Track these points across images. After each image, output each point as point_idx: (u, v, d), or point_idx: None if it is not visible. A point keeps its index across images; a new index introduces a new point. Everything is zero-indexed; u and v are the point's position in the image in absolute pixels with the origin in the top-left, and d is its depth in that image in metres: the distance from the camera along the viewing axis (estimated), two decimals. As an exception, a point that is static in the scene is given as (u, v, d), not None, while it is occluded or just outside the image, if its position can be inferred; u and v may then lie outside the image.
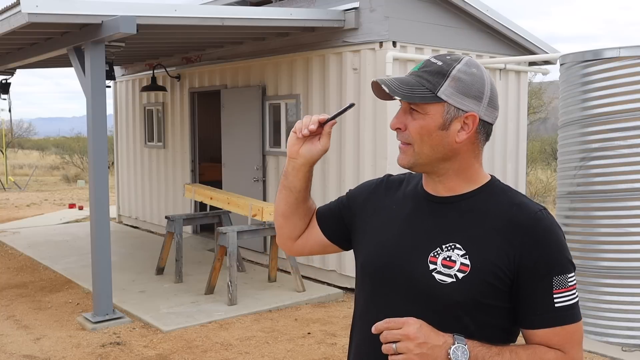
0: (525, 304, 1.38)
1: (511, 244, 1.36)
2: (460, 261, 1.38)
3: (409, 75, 1.43)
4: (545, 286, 1.35)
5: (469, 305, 1.37)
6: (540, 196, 15.56)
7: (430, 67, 1.41)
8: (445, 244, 1.41)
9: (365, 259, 1.55)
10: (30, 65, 8.58)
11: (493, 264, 1.36)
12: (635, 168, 4.90)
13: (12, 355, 4.88)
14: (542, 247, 1.36)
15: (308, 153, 1.59)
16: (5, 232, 10.32)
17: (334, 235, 1.68)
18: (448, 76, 1.38)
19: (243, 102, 8.01)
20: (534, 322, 1.38)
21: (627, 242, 4.93)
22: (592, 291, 5.02)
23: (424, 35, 6.58)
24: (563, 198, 5.38)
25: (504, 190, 1.48)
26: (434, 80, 1.38)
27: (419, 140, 1.41)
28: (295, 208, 1.64)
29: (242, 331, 5.40)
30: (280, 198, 1.65)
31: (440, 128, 1.40)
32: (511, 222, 1.39)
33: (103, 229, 5.56)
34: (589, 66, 5.07)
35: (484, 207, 1.43)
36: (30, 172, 23.03)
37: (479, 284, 1.36)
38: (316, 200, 1.74)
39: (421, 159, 1.43)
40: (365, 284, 1.54)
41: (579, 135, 5.18)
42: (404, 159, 1.45)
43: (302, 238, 1.70)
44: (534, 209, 1.41)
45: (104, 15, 5.07)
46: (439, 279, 1.38)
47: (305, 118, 1.58)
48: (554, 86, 17.81)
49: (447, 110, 1.39)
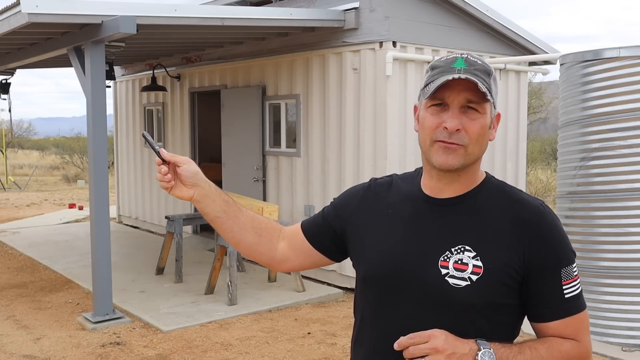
0: (537, 298, 1.39)
1: (520, 242, 1.37)
2: (473, 263, 1.37)
3: (464, 73, 1.35)
4: (555, 279, 1.38)
5: (485, 307, 1.37)
6: (540, 196, 15.57)
7: (477, 65, 1.37)
8: (454, 246, 1.39)
9: (368, 269, 1.49)
10: (30, 65, 8.58)
11: (505, 264, 1.37)
12: (635, 168, 4.90)
13: (12, 355, 4.88)
14: (550, 242, 1.38)
15: (184, 193, 1.57)
16: (5, 232, 10.32)
17: (327, 249, 1.63)
18: (492, 76, 1.39)
19: (243, 102, 8.01)
20: (546, 315, 1.40)
21: (627, 242, 4.93)
22: (592, 291, 5.01)
23: (424, 35, 6.58)
24: (563, 198, 5.38)
25: (501, 187, 1.48)
26: (487, 79, 1.37)
27: (475, 141, 1.38)
28: (238, 228, 1.60)
29: (242, 331, 5.40)
30: (223, 232, 1.62)
31: (489, 127, 1.41)
32: (517, 220, 1.40)
33: (103, 229, 5.56)
34: (589, 66, 5.07)
35: (486, 206, 1.43)
36: (30, 172, 23.04)
37: (493, 284, 1.36)
38: (316, 199, 1.73)
39: (470, 159, 1.40)
40: (370, 294, 1.49)
41: (579, 135, 5.18)
42: (455, 160, 1.37)
43: (286, 254, 1.65)
44: (535, 204, 1.43)
45: (104, 15, 5.07)
46: (453, 283, 1.36)
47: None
48: (554, 86, 17.81)
49: (491, 109, 1.40)
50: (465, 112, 1.36)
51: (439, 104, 1.38)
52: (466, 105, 1.36)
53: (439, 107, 1.38)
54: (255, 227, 1.62)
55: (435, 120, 1.38)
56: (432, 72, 1.39)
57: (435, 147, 1.38)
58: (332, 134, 6.86)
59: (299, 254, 1.65)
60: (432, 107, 1.39)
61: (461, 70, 1.34)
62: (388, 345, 1.34)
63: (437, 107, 1.38)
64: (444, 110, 1.37)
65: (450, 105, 1.36)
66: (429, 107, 1.39)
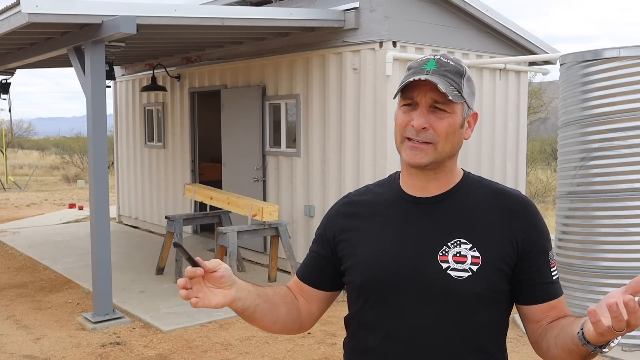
0: (529, 282, 1.45)
1: (510, 229, 1.44)
2: (471, 254, 1.42)
3: (432, 74, 1.40)
4: (544, 262, 1.46)
5: (487, 295, 1.42)
6: (540, 196, 15.56)
7: (447, 66, 1.42)
8: (449, 240, 1.43)
9: (364, 275, 1.48)
10: (30, 65, 8.58)
11: (501, 251, 1.42)
12: (635, 168, 4.90)
13: (12, 355, 4.88)
14: (536, 228, 1.47)
15: (225, 297, 1.38)
16: (5, 232, 10.32)
17: (337, 284, 1.61)
18: (464, 76, 1.44)
19: (243, 102, 8.01)
20: (539, 297, 1.46)
21: (627, 242, 4.93)
22: (592, 291, 5.01)
23: (424, 35, 6.58)
24: (563, 198, 5.38)
25: (481, 181, 1.54)
26: (457, 80, 1.42)
27: (444, 139, 1.42)
28: (271, 305, 1.52)
29: (242, 331, 5.40)
30: (262, 316, 1.50)
31: (460, 126, 1.45)
32: (503, 210, 1.47)
33: (103, 229, 5.56)
34: (589, 66, 5.07)
35: (471, 200, 1.49)
36: (30, 172, 23.04)
37: (492, 272, 1.41)
38: (316, 200, 1.73)
39: (441, 157, 1.44)
40: (369, 300, 1.48)
41: (579, 135, 5.18)
42: (424, 157, 1.42)
43: (307, 309, 1.62)
44: (517, 194, 1.51)
45: (104, 15, 5.07)
46: (455, 275, 1.40)
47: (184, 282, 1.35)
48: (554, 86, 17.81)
49: (464, 109, 1.45)
50: (434, 112, 1.42)
51: (410, 104, 1.44)
52: (433, 105, 1.41)
53: (410, 107, 1.44)
54: (279, 296, 1.57)
55: (406, 118, 1.44)
56: (407, 72, 1.46)
57: (405, 144, 1.45)
58: (332, 134, 6.86)
59: (315, 302, 1.62)
60: (404, 107, 1.45)
61: (430, 71, 1.40)
62: (397, 348, 1.35)
63: (408, 106, 1.44)
64: (414, 109, 1.43)
65: (419, 105, 1.42)
66: (401, 106, 1.46)
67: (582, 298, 5.07)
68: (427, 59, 1.44)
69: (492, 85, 7.37)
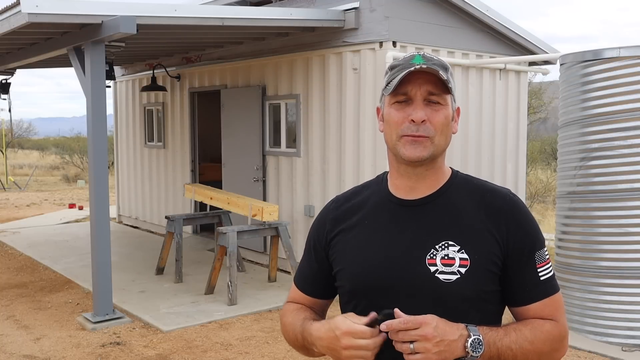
0: (516, 282, 1.44)
1: (498, 229, 1.43)
2: (459, 256, 1.40)
3: (422, 67, 1.40)
4: (531, 263, 1.44)
5: (476, 297, 1.41)
6: (540, 196, 15.57)
7: (434, 60, 1.42)
8: (437, 243, 1.42)
9: (354, 280, 1.49)
10: (30, 65, 8.58)
11: (488, 252, 1.41)
12: (635, 168, 4.90)
13: (12, 355, 4.88)
14: (524, 227, 1.45)
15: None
16: (5, 232, 10.32)
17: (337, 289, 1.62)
18: (449, 71, 1.44)
19: (243, 102, 8.01)
20: (526, 298, 1.44)
21: (627, 242, 4.93)
22: (592, 291, 5.01)
23: (424, 35, 6.58)
24: (563, 198, 5.38)
25: (469, 180, 1.53)
26: (445, 73, 1.42)
27: (440, 132, 1.42)
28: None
29: (242, 331, 5.40)
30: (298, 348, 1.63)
31: (451, 119, 1.46)
32: (491, 209, 1.45)
33: (103, 229, 5.56)
34: (589, 66, 5.07)
35: (459, 200, 1.47)
36: (30, 172, 23.03)
37: (481, 274, 1.40)
38: (316, 199, 1.73)
39: (437, 151, 1.44)
40: (359, 305, 1.47)
41: (579, 135, 5.18)
42: (424, 151, 1.41)
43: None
44: (505, 192, 1.50)
45: (104, 15, 5.07)
46: (443, 278, 1.39)
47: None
48: (554, 86, 17.80)
49: (452, 102, 1.45)
50: (429, 105, 1.41)
51: (402, 100, 1.42)
52: (428, 99, 1.41)
53: (403, 103, 1.42)
54: (315, 315, 1.63)
55: (401, 115, 1.42)
56: (392, 71, 1.44)
57: (402, 141, 1.43)
58: (332, 134, 6.85)
59: (322, 308, 1.68)
60: (396, 104, 1.43)
61: (420, 65, 1.40)
62: (390, 353, 1.34)
63: (400, 103, 1.42)
64: (407, 105, 1.42)
65: (414, 98, 1.41)
66: (393, 103, 1.44)
67: (582, 298, 5.07)
68: (411, 55, 1.44)
69: (492, 85, 7.37)
